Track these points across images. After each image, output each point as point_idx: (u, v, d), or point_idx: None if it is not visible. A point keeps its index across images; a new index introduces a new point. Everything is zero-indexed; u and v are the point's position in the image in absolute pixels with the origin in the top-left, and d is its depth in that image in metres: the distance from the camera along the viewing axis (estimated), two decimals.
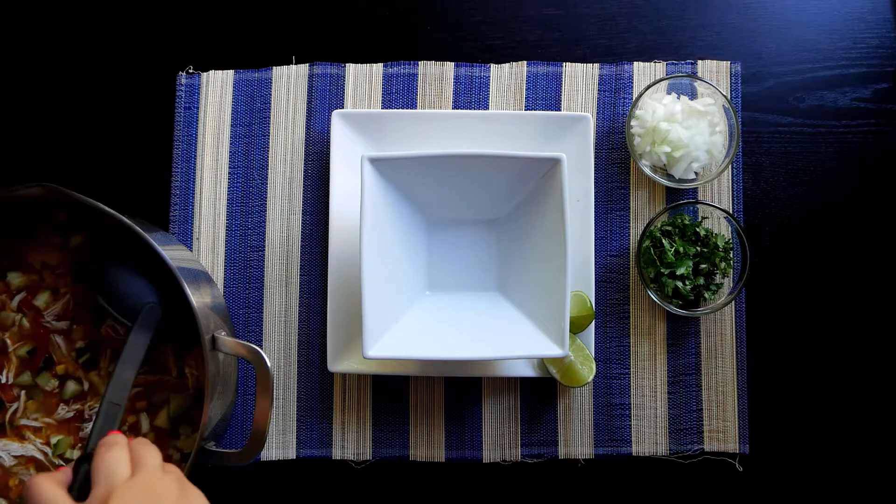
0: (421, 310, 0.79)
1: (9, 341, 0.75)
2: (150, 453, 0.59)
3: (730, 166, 0.84)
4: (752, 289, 0.84)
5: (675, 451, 0.82)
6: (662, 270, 0.79)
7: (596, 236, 0.82)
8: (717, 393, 0.83)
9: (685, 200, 0.82)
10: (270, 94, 0.86)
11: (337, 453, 0.82)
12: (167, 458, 0.74)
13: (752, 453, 0.82)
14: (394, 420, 0.83)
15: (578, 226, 0.80)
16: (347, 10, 0.87)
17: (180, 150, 0.85)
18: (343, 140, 0.81)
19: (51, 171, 0.86)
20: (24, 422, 0.74)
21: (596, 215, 0.82)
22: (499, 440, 0.82)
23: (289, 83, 0.86)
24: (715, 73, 0.85)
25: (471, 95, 0.85)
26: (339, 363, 0.80)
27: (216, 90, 0.86)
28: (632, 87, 0.85)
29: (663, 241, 0.79)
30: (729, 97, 0.84)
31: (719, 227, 0.81)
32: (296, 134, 0.85)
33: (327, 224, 0.82)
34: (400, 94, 0.86)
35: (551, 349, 0.73)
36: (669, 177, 0.82)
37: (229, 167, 0.85)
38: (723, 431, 0.82)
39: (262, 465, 0.82)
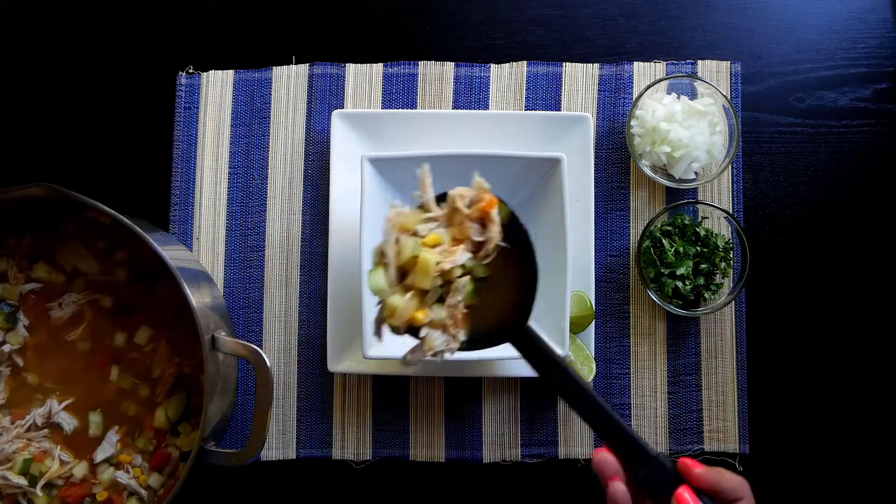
0: None
1: None
2: None
3: (730, 166, 0.84)
4: (752, 289, 0.84)
5: (675, 451, 0.82)
6: (662, 270, 0.79)
7: (596, 236, 0.82)
8: (717, 393, 0.83)
9: (685, 200, 0.82)
10: (270, 94, 0.86)
11: (337, 453, 0.82)
12: (167, 457, 0.74)
13: (752, 453, 0.82)
14: (394, 420, 0.83)
15: (578, 226, 0.80)
16: (347, 10, 0.87)
17: (180, 150, 0.85)
18: (343, 140, 0.81)
19: (51, 171, 0.86)
20: None
21: (596, 215, 0.82)
22: (499, 440, 0.82)
23: (289, 83, 0.86)
24: (715, 73, 0.85)
25: (471, 95, 0.85)
26: (339, 363, 0.80)
27: (216, 90, 0.86)
28: (632, 87, 0.85)
29: (663, 241, 0.79)
30: (729, 97, 0.84)
31: (719, 227, 0.81)
32: (296, 134, 0.85)
33: (327, 224, 0.82)
34: (400, 94, 0.86)
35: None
36: (669, 177, 0.81)
37: (229, 167, 0.85)
38: (723, 431, 0.82)
39: (262, 465, 0.82)
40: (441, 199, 0.57)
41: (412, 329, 0.55)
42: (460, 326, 0.55)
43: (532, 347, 0.56)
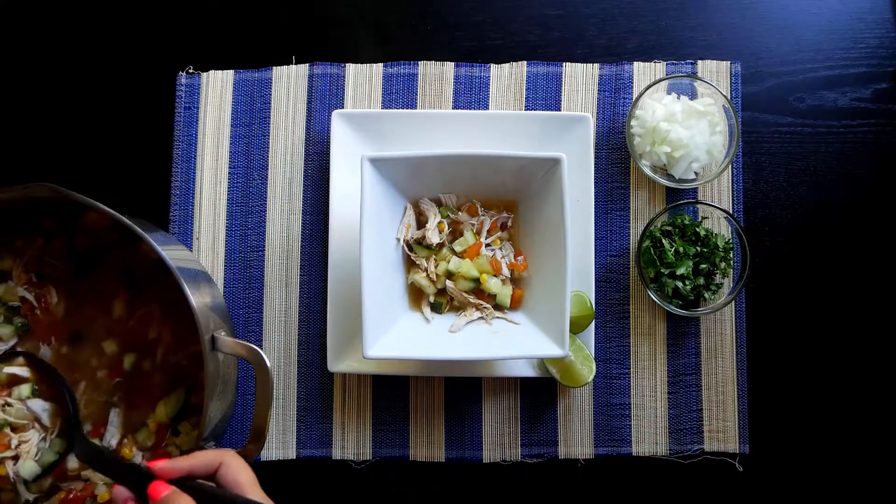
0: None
1: None
2: None
3: (730, 166, 0.84)
4: (752, 289, 0.84)
5: (675, 451, 0.82)
6: (662, 270, 0.79)
7: (596, 236, 0.82)
8: (717, 393, 0.83)
9: (685, 200, 0.82)
10: (270, 94, 0.86)
11: (337, 453, 0.82)
12: (167, 457, 0.74)
13: (752, 453, 0.82)
14: (394, 420, 0.83)
15: (578, 226, 0.80)
16: (347, 10, 0.87)
17: (180, 150, 0.85)
18: (343, 140, 0.81)
19: (51, 171, 0.86)
20: None
21: (596, 215, 0.82)
22: (499, 440, 0.82)
23: (289, 83, 0.86)
24: (715, 73, 0.85)
25: (471, 95, 0.85)
26: (339, 363, 0.80)
27: (216, 90, 0.86)
28: (632, 87, 0.85)
29: (663, 241, 0.79)
30: (729, 97, 0.84)
31: (719, 227, 0.81)
32: (296, 134, 0.85)
33: (327, 224, 0.82)
34: (400, 94, 0.86)
35: (551, 349, 0.73)
36: (669, 177, 0.81)
37: (229, 167, 0.85)
38: (723, 431, 0.82)
39: (262, 465, 0.82)
40: None
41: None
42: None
43: (81, 438, 0.71)
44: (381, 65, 0.86)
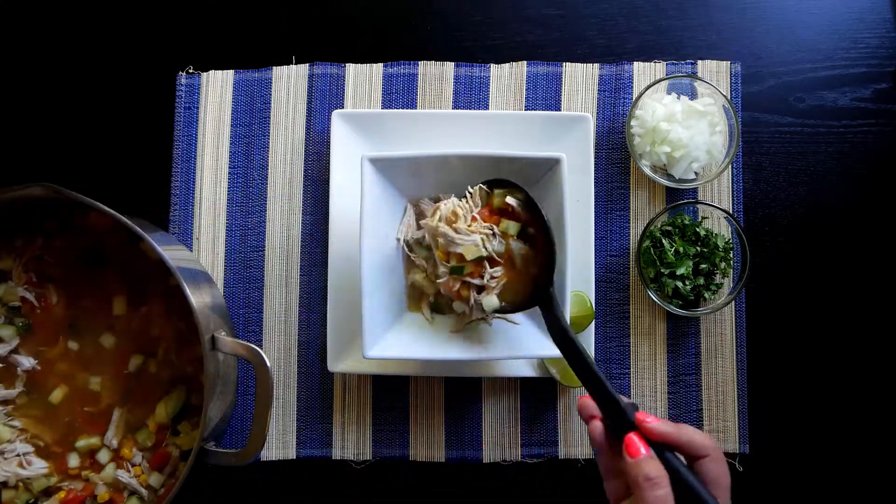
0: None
1: None
2: None
3: (730, 166, 0.84)
4: (752, 289, 0.84)
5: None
6: (662, 270, 0.79)
7: (596, 236, 0.82)
8: (717, 393, 0.83)
9: (685, 200, 0.82)
10: (270, 94, 0.86)
11: (337, 453, 0.82)
12: (167, 456, 0.74)
13: (752, 453, 0.82)
14: (394, 420, 0.83)
15: (578, 226, 0.80)
16: (347, 10, 0.87)
17: (180, 150, 0.85)
18: (343, 140, 0.81)
19: (51, 171, 0.86)
20: None
21: (596, 215, 0.82)
22: (499, 440, 0.82)
23: (289, 83, 0.86)
24: (715, 73, 0.85)
25: (471, 95, 0.85)
26: (339, 363, 0.80)
27: (216, 90, 0.86)
28: (632, 87, 0.85)
29: (663, 241, 0.79)
30: (729, 97, 0.84)
31: (719, 227, 0.81)
32: (296, 134, 0.85)
33: (327, 224, 0.82)
34: (400, 94, 0.86)
35: (551, 349, 0.72)
36: (669, 177, 0.81)
37: (229, 167, 0.85)
38: (723, 431, 0.82)
39: (262, 465, 0.82)
40: None
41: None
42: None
43: (549, 306, 0.68)
44: (381, 65, 0.86)
